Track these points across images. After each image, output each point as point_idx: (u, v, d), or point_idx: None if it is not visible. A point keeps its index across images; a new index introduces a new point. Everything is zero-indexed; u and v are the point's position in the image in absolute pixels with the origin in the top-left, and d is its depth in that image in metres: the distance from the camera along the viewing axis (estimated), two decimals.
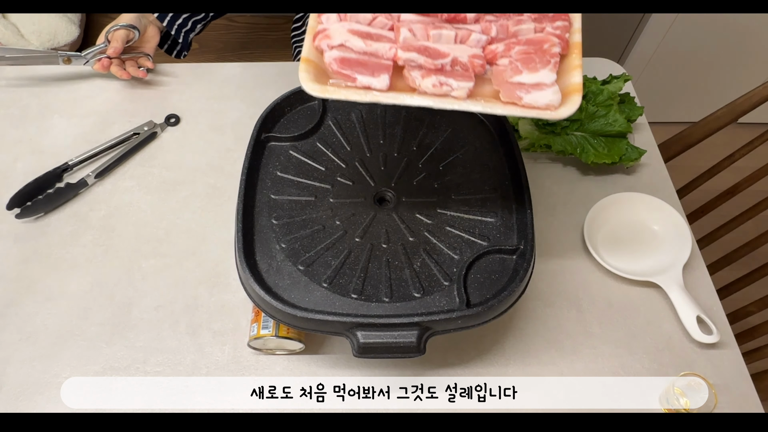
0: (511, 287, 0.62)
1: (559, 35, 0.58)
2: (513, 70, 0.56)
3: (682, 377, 0.69)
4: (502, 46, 0.58)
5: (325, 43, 0.57)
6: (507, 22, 0.59)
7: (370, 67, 0.56)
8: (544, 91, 0.55)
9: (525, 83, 0.55)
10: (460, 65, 0.56)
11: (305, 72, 0.56)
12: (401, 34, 0.57)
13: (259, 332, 0.70)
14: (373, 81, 0.55)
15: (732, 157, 1.01)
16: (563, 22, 0.59)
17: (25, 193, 0.85)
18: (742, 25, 1.63)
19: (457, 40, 0.58)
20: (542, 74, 0.55)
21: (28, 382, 0.72)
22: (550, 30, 0.58)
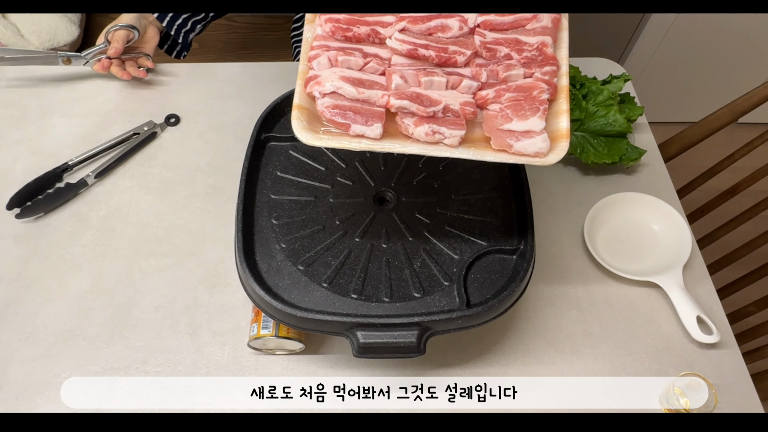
0: (511, 287, 0.62)
1: (547, 80, 0.59)
2: (503, 118, 0.57)
3: (682, 377, 0.69)
4: (493, 92, 0.59)
5: (317, 90, 0.58)
6: (497, 67, 0.60)
7: (363, 114, 0.56)
8: (533, 139, 0.56)
9: (515, 131, 0.56)
10: (452, 112, 0.58)
11: (298, 120, 0.57)
12: (393, 80, 0.58)
13: (259, 332, 0.70)
14: (366, 130, 0.56)
15: (732, 157, 1.01)
16: (551, 67, 0.60)
17: (25, 193, 0.85)
18: (742, 25, 1.63)
19: (448, 86, 0.59)
20: (532, 122, 0.56)
21: (28, 382, 0.72)
22: (539, 75, 0.59)
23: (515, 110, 0.57)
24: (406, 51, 0.60)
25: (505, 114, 0.57)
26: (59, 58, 0.97)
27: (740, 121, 1.02)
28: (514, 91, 0.58)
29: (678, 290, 0.78)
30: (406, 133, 0.57)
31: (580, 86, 0.89)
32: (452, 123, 0.57)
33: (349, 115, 0.56)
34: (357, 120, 0.56)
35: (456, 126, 0.56)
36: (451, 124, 0.57)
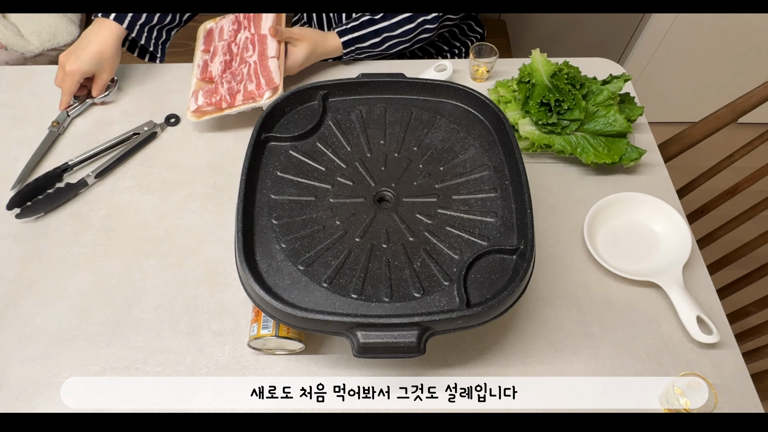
0: (511, 287, 0.62)
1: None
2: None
3: (682, 377, 0.69)
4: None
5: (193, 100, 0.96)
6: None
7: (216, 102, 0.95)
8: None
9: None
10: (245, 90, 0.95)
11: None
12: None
13: (259, 332, 0.70)
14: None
15: (732, 157, 1.01)
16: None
17: (25, 193, 0.85)
18: (742, 25, 1.63)
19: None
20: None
21: (28, 382, 0.72)
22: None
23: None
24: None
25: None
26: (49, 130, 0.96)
27: (740, 121, 1.02)
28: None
29: (678, 290, 0.78)
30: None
31: (580, 86, 0.89)
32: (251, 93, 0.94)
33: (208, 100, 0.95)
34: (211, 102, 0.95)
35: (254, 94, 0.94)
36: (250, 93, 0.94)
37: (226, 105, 0.93)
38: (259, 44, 0.97)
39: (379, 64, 1.11)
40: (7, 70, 1.05)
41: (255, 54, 0.96)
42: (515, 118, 0.92)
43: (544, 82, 0.90)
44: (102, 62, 0.95)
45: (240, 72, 0.96)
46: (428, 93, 0.81)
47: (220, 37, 1.03)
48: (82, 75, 0.94)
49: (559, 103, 0.88)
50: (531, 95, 0.90)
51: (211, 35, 1.05)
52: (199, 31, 1.07)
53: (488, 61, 1.01)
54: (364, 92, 0.81)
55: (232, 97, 0.93)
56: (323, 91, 0.79)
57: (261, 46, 0.97)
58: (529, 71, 0.91)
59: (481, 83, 1.04)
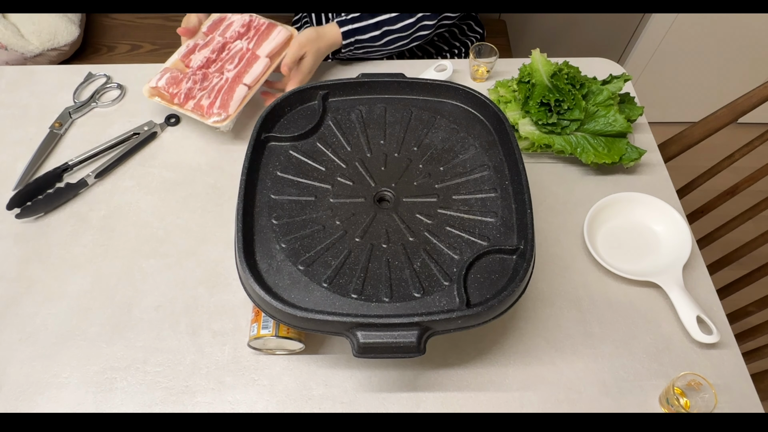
0: (511, 287, 0.62)
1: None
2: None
3: (682, 377, 0.69)
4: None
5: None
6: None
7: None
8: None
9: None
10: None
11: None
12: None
13: (259, 332, 0.70)
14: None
15: (732, 157, 1.01)
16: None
17: (25, 193, 0.85)
18: (742, 26, 1.63)
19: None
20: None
21: (28, 381, 0.72)
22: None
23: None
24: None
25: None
26: (52, 130, 0.96)
27: (740, 121, 1.02)
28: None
29: (678, 290, 0.78)
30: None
31: (580, 86, 0.89)
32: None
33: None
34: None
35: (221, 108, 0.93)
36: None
37: (177, 102, 0.92)
38: (246, 64, 0.95)
39: (379, 65, 1.11)
40: (7, 70, 1.05)
41: (234, 70, 0.95)
42: (515, 118, 0.92)
43: (544, 82, 0.90)
44: None
45: (210, 79, 0.94)
46: (428, 93, 0.81)
47: (224, 32, 1.00)
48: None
49: (559, 103, 0.88)
50: (531, 95, 0.90)
51: (219, 24, 1.01)
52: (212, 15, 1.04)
53: (488, 61, 1.02)
54: (364, 92, 0.81)
55: (186, 98, 0.92)
56: (323, 91, 0.79)
57: (245, 66, 0.95)
58: (529, 71, 0.91)
59: (481, 83, 1.04)
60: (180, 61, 0.97)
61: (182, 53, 0.97)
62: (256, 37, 0.98)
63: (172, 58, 0.97)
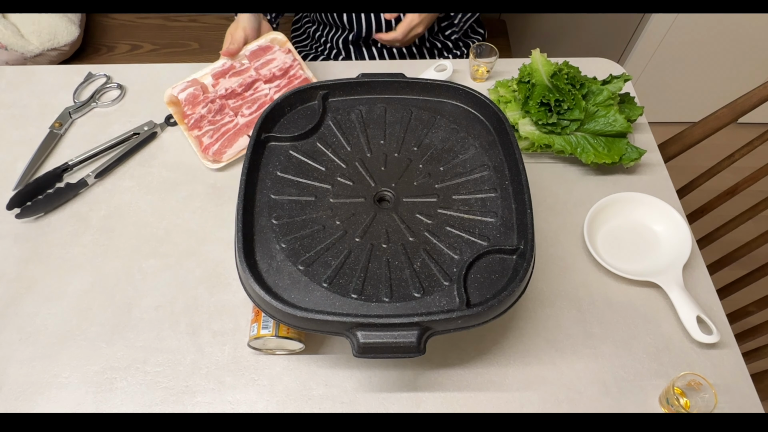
0: (511, 287, 0.62)
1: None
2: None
3: (682, 377, 0.69)
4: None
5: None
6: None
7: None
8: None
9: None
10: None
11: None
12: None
13: (259, 332, 0.70)
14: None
15: (732, 157, 1.01)
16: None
17: (25, 193, 0.85)
18: (742, 26, 1.63)
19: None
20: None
21: (28, 381, 0.72)
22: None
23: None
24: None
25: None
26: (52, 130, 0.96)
27: (740, 121, 1.02)
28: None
29: (678, 290, 0.78)
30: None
31: (580, 86, 0.89)
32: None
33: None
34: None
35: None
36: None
37: (186, 123, 0.93)
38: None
39: (379, 64, 1.11)
40: (8, 70, 1.05)
41: (247, 117, 0.94)
42: (515, 118, 0.92)
43: (544, 82, 0.90)
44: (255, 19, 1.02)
45: (224, 116, 0.94)
46: (428, 93, 0.81)
47: (262, 66, 0.97)
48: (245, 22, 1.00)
49: (559, 103, 0.88)
50: (531, 95, 0.90)
51: (261, 54, 0.98)
52: (266, 36, 0.99)
53: (488, 61, 1.02)
54: (364, 92, 0.81)
55: (195, 125, 0.92)
56: (323, 91, 0.79)
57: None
58: (529, 71, 0.91)
59: (481, 83, 1.04)
60: (210, 76, 0.97)
61: (216, 71, 0.97)
62: (285, 88, 0.96)
63: (204, 71, 0.97)
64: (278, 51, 0.98)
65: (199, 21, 1.60)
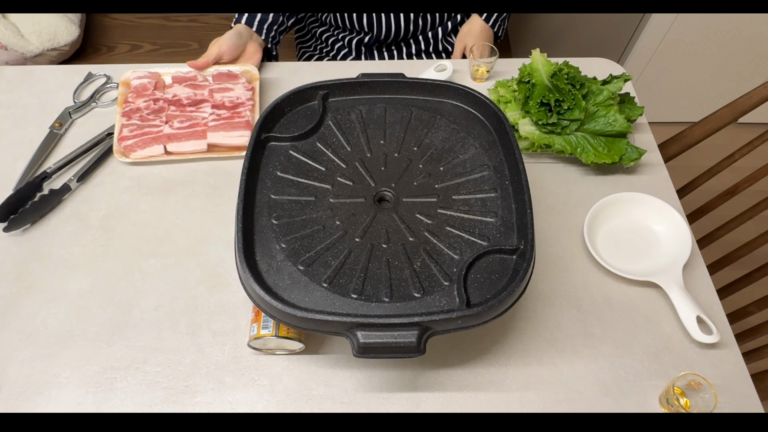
0: (511, 287, 0.62)
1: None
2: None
3: (682, 377, 0.69)
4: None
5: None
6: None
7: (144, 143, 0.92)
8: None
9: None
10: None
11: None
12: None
13: (259, 332, 0.70)
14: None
15: (732, 157, 1.01)
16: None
17: (8, 205, 0.83)
18: (743, 26, 1.63)
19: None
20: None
21: (28, 381, 0.72)
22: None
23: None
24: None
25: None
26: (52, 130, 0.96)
27: (740, 121, 1.02)
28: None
29: (678, 290, 0.78)
30: None
31: (580, 86, 0.89)
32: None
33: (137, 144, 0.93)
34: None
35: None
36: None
37: (121, 107, 0.94)
38: (186, 135, 0.92)
39: (378, 64, 1.11)
40: (7, 70, 1.05)
41: (175, 129, 0.92)
42: (515, 118, 0.92)
43: (544, 82, 0.90)
44: (240, 39, 1.03)
45: (156, 118, 0.93)
46: (428, 93, 0.81)
47: (220, 90, 0.97)
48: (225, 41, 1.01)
49: (559, 103, 0.88)
50: (531, 95, 0.90)
51: (227, 80, 0.98)
52: (244, 65, 1.01)
53: (488, 61, 1.02)
54: (364, 92, 0.81)
55: (126, 114, 0.93)
56: (323, 91, 0.79)
57: (183, 135, 0.92)
58: (529, 71, 0.91)
59: (481, 83, 1.04)
60: (170, 77, 0.98)
61: (178, 75, 0.98)
62: (224, 121, 0.93)
63: (168, 69, 0.99)
64: (242, 84, 0.98)
65: (199, 21, 1.60)
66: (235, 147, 0.93)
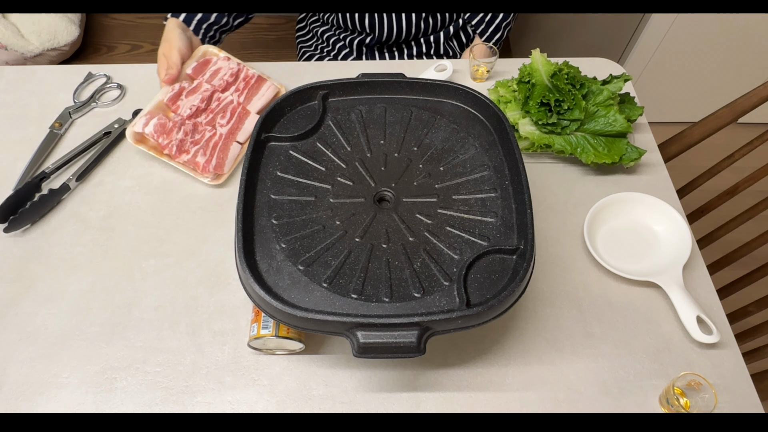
0: (511, 287, 0.62)
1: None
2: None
3: (682, 377, 0.70)
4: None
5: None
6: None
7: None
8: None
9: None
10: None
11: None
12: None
13: (259, 332, 0.70)
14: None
15: (732, 157, 1.01)
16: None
17: (7, 206, 0.83)
18: (742, 26, 1.63)
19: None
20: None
21: (28, 381, 0.72)
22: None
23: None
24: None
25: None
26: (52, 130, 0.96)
27: (740, 121, 1.02)
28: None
29: (678, 290, 0.78)
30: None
31: (580, 86, 0.89)
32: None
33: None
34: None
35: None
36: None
37: (167, 153, 0.88)
38: (237, 120, 0.93)
39: (378, 64, 1.11)
40: (7, 70, 1.05)
41: (227, 126, 0.92)
42: (515, 118, 0.92)
43: (544, 82, 0.90)
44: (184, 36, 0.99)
45: (203, 133, 0.90)
46: (428, 93, 0.81)
47: (211, 78, 0.96)
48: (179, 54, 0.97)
49: (559, 103, 0.88)
50: (531, 95, 0.90)
51: (204, 68, 0.97)
52: (197, 51, 0.99)
53: (488, 61, 1.02)
54: (364, 92, 0.81)
55: (179, 151, 0.88)
56: (323, 91, 0.79)
57: (237, 122, 0.93)
58: (529, 71, 0.91)
59: (481, 83, 1.04)
60: (165, 104, 0.92)
61: (168, 96, 0.92)
62: (246, 90, 0.96)
63: (155, 100, 0.92)
64: (219, 61, 0.98)
65: None
66: (274, 98, 0.96)
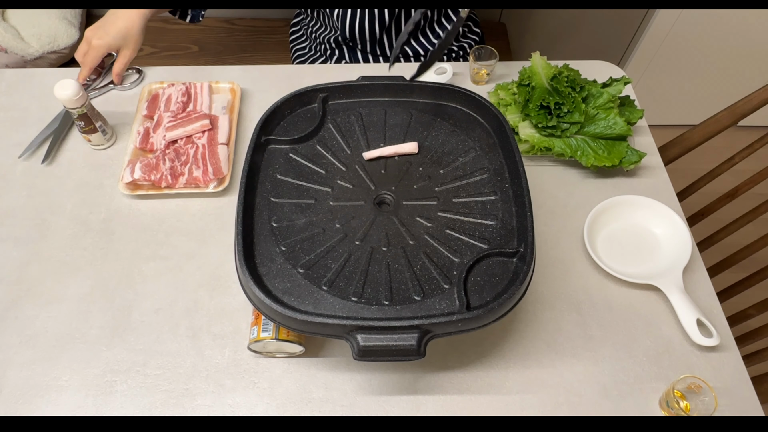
0: (511, 290, 0.62)
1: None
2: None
3: (682, 380, 0.69)
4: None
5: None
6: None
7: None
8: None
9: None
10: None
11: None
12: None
13: (259, 335, 0.70)
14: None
15: (732, 160, 1.02)
16: None
17: None
18: (743, 29, 1.63)
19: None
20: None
21: (28, 384, 0.72)
22: None
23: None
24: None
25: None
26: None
27: (740, 124, 1.02)
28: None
29: (678, 293, 0.78)
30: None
31: (580, 89, 0.89)
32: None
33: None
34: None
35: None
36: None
37: (165, 185, 0.87)
38: (211, 126, 0.92)
39: (378, 67, 1.11)
40: (7, 72, 1.05)
41: (204, 136, 0.91)
42: (515, 120, 0.92)
43: (543, 85, 0.90)
44: (128, 38, 0.97)
45: (186, 152, 0.90)
46: (428, 96, 0.81)
47: (167, 107, 0.96)
48: (108, 49, 0.96)
49: (559, 106, 0.88)
50: (531, 98, 0.90)
51: (156, 102, 0.97)
52: (142, 93, 0.99)
53: (488, 64, 1.02)
54: (364, 95, 0.81)
55: (174, 178, 0.87)
56: (323, 94, 0.80)
57: (212, 128, 0.92)
58: (529, 74, 0.91)
59: (481, 86, 1.05)
60: (139, 150, 0.92)
61: (138, 141, 0.92)
62: (201, 98, 0.96)
63: (129, 149, 0.91)
64: (166, 90, 0.98)
65: (198, 23, 1.60)
66: (231, 89, 0.99)
